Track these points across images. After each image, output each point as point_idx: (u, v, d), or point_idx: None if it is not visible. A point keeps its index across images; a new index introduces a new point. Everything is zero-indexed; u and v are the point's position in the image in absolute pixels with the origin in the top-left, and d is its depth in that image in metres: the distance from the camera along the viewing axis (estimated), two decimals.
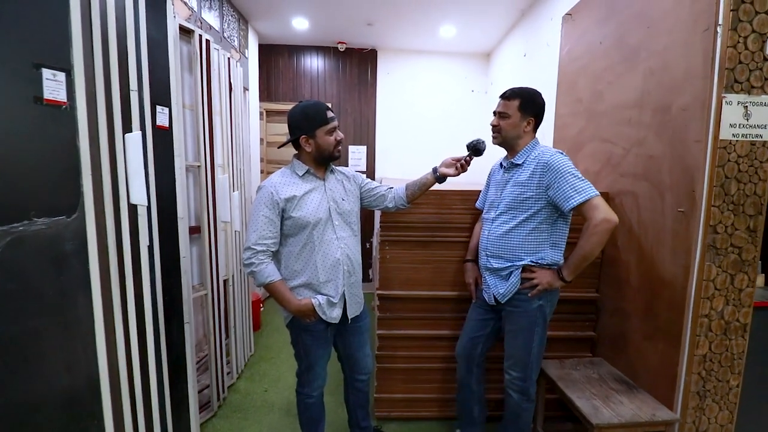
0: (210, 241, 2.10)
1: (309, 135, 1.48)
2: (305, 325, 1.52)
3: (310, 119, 1.47)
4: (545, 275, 1.48)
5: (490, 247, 1.56)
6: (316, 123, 1.47)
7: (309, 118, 1.47)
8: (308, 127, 1.47)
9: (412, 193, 1.67)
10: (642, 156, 1.74)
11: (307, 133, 1.47)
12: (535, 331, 1.53)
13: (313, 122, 1.47)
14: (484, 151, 1.59)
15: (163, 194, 1.61)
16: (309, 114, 1.47)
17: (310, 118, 1.47)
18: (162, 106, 1.59)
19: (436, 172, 1.63)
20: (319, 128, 1.47)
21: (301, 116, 1.48)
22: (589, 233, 1.37)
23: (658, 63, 1.66)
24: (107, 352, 1.25)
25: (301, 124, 1.48)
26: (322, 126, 1.47)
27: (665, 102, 1.61)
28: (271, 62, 4.12)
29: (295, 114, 1.49)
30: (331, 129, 1.49)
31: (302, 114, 1.48)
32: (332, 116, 1.50)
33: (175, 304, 1.70)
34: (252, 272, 1.45)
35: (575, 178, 1.39)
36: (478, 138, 1.59)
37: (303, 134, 1.48)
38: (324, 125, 1.47)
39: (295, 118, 1.49)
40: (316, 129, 1.47)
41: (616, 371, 1.86)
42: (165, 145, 1.63)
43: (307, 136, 1.48)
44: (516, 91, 1.55)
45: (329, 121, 1.48)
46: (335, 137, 1.50)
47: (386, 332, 2.02)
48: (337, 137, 1.51)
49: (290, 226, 1.48)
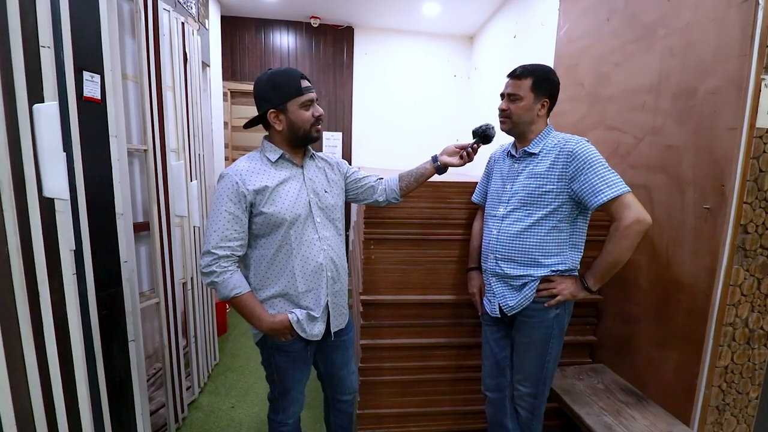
0: (162, 240, 1.77)
1: (279, 109, 1.19)
2: (279, 344, 1.25)
3: (280, 89, 1.18)
4: (567, 284, 1.28)
5: (500, 248, 1.34)
6: (288, 94, 1.18)
7: (278, 87, 1.18)
8: (277, 98, 1.18)
9: (406, 185, 1.42)
10: (658, 145, 1.57)
11: (277, 107, 1.19)
12: (551, 343, 1.33)
13: (283, 93, 1.18)
14: (493, 138, 1.36)
15: (96, 184, 1.28)
16: (278, 83, 1.18)
17: (280, 87, 1.18)
18: (91, 72, 1.25)
19: (437, 161, 1.38)
20: (292, 100, 1.18)
21: (268, 86, 1.19)
22: (620, 235, 1.17)
23: (680, 41, 1.48)
24: (13, 395, 0.94)
25: (269, 96, 1.19)
26: (296, 97, 1.18)
27: (689, 85, 1.43)
28: (236, 37, 3.71)
29: (261, 83, 1.21)
30: (307, 102, 1.20)
31: (269, 83, 1.19)
32: (308, 86, 1.21)
33: (116, 319, 1.39)
34: (213, 283, 1.16)
35: (606, 170, 1.19)
36: (487, 123, 1.35)
37: (271, 108, 1.19)
38: (298, 96, 1.18)
39: (262, 89, 1.20)
40: (287, 101, 1.18)
41: (622, 380, 1.72)
42: (97, 123, 1.29)
43: (277, 111, 1.19)
44: (528, 68, 1.32)
45: (304, 91, 1.19)
46: (312, 112, 1.21)
47: (371, 342, 1.78)
48: (315, 112, 1.22)
49: (261, 224, 1.20)
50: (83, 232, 1.22)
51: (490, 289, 1.41)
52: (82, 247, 1.22)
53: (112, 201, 1.35)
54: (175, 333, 1.89)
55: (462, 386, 1.86)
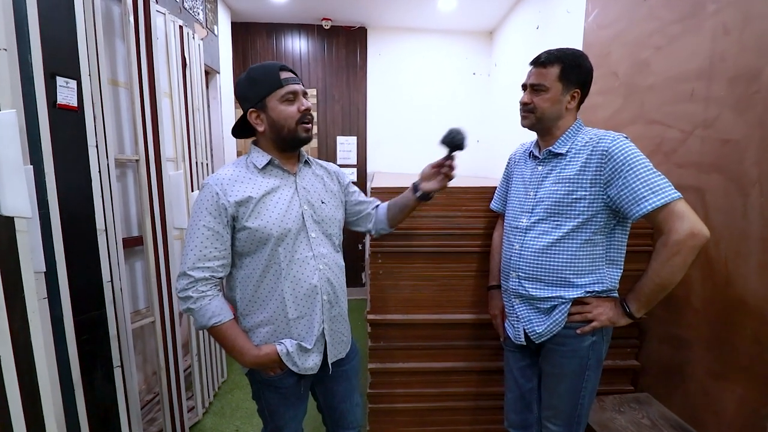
0: (157, 254, 1.67)
1: (258, 107, 1.04)
2: (269, 379, 1.10)
3: (256, 84, 1.03)
4: (605, 308, 1.07)
5: (523, 266, 1.14)
6: (265, 88, 1.02)
7: (255, 82, 1.03)
8: (254, 94, 1.03)
9: (393, 216, 1.27)
10: (712, 140, 1.33)
11: (255, 105, 1.04)
12: (586, 376, 1.12)
13: (260, 88, 1.03)
14: (464, 143, 1.13)
15: (72, 199, 1.18)
16: (254, 78, 1.04)
17: (256, 82, 1.03)
18: (66, 77, 1.15)
19: (417, 189, 1.21)
20: (270, 95, 1.02)
21: (246, 83, 1.05)
22: (669, 252, 0.95)
23: (736, 15, 1.25)
24: None
25: (246, 94, 1.05)
26: (275, 91, 1.02)
27: (750, 67, 1.20)
28: (247, 43, 3.64)
29: (240, 82, 1.07)
30: (288, 94, 1.03)
31: (247, 80, 1.05)
32: (290, 77, 1.05)
33: (99, 344, 1.28)
34: (189, 310, 1.02)
35: (650, 173, 0.98)
36: (452, 128, 1.13)
37: (251, 107, 1.05)
38: (277, 89, 1.02)
39: (241, 87, 1.07)
40: (265, 97, 1.03)
41: (671, 413, 1.48)
42: (73, 132, 1.19)
43: (256, 109, 1.05)
44: (555, 54, 1.12)
45: (283, 83, 1.02)
46: (298, 107, 1.04)
47: (381, 366, 1.61)
48: (301, 107, 1.04)
49: (245, 240, 1.05)
50: (57, 252, 1.12)
51: (512, 312, 1.21)
52: (56, 267, 1.12)
53: (91, 216, 1.24)
54: (174, 352, 1.78)
55: (484, 415, 1.66)
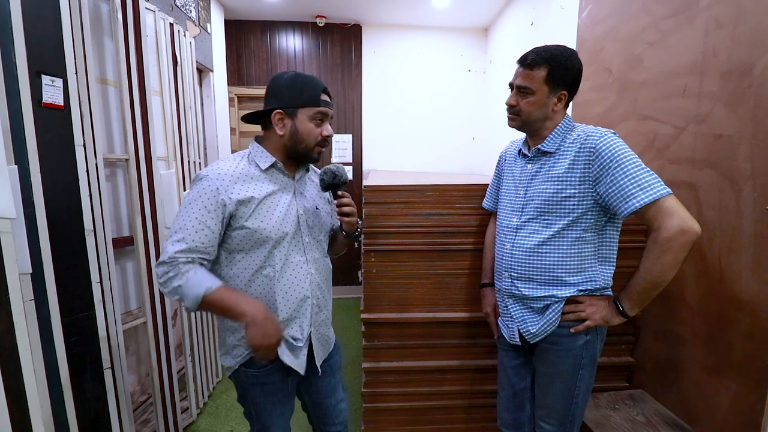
0: (148, 254, 1.65)
1: (287, 112, 1.04)
2: (254, 376, 1.08)
3: (297, 91, 1.04)
4: (598, 307, 1.06)
5: (515, 265, 1.13)
6: (304, 99, 1.03)
7: (296, 89, 1.04)
8: (290, 99, 1.04)
9: (331, 246, 1.31)
10: (704, 136, 1.33)
11: (286, 108, 1.04)
12: (580, 375, 1.12)
13: (299, 96, 1.04)
14: (344, 178, 1.10)
15: (59, 199, 1.16)
16: (297, 84, 1.04)
17: (298, 89, 1.04)
18: (51, 76, 1.13)
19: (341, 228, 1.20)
20: (305, 108, 1.04)
21: (286, 83, 1.05)
22: (660, 249, 0.94)
23: (729, 10, 1.24)
24: None
25: (283, 94, 1.04)
26: (310, 106, 1.04)
27: (742, 62, 1.19)
28: (241, 41, 3.62)
29: (280, 79, 1.07)
30: (320, 115, 1.06)
31: (290, 81, 1.05)
32: (328, 101, 1.07)
33: (87, 345, 1.26)
34: (175, 290, 0.95)
35: (638, 169, 0.96)
36: (327, 167, 1.09)
37: (280, 108, 1.04)
38: (312, 107, 1.04)
39: (278, 84, 1.06)
40: (300, 107, 1.04)
41: (666, 411, 1.48)
42: (59, 131, 1.17)
43: (284, 113, 1.04)
44: (542, 54, 1.09)
45: (321, 104, 1.05)
46: (322, 130, 1.07)
47: (374, 365, 1.60)
48: (325, 131, 1.07)
49: (241, 239, 1.03)
50: (44, 253, 1.11)
51: (506, 312, 1.21)
52: (43, 269, 1.10)
53: (79, 216, 1.23)
54: (167, 353, 1.77)
55: (478, 413, 1.66)
